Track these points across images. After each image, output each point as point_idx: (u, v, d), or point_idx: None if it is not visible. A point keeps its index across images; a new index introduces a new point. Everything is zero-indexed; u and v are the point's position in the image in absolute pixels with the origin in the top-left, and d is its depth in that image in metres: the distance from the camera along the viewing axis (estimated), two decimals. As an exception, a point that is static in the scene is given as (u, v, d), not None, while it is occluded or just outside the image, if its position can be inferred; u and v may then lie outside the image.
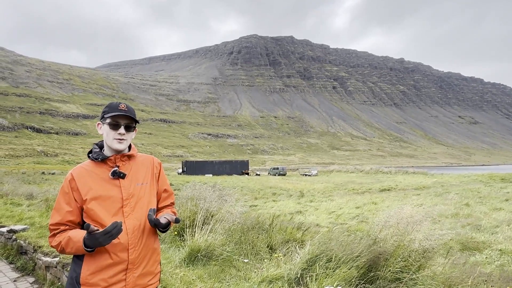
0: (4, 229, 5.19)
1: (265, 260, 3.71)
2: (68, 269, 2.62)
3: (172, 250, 4.14)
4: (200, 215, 4.41)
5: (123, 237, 1.66)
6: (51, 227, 1.68)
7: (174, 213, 1.95)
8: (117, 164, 1.76)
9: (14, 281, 4.06)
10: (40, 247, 4.33)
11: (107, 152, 1.79)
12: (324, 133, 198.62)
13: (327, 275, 2.92)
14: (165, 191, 1.95)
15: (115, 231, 1.51)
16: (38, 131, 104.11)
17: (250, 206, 14.07)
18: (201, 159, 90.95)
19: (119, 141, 1.75)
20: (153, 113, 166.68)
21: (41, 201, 8.26)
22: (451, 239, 6.41)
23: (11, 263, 4.65)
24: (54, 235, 1.67)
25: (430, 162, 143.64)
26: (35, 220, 5.85)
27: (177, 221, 1.71)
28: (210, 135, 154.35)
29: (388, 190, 25.87)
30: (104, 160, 1.75)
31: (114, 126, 1.75)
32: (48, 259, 3.93)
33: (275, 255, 3.75)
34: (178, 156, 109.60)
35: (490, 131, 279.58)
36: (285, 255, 3.79)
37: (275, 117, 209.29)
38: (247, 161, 64.90)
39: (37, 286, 3.95)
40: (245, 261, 3.72)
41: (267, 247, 4.23)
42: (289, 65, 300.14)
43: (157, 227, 1.70)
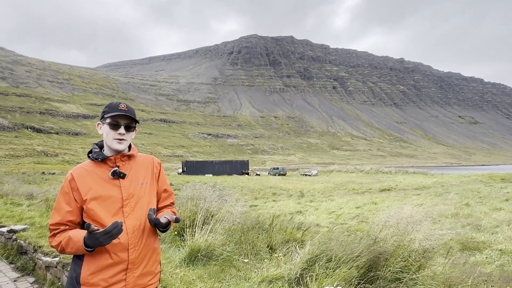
0: (4, 229, 5.19)
1: (265, 260, 3.71)
2: (68, 269, 2.62)
3: (172, 250, 4.14)
4: (200, 215, 4.41)
5: (123, 237, 1.66)
6: (51, 227, 1.68)
7: (174, 213, 1.95)
8: (117, 164, 1.76)
9: (14, 281, 4.06)
10: (40, 247, 4.33)
11: (107, 152, 1.79)
12: (324, 133, 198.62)
13: (327, 275, 2.92)
14: (165, 191, 1.95)
15: (115, 231, 1.51)
16: (38, 131, 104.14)
17: (250, 206, 14.07)
18: (201, 159, 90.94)
19: (119, 141, 1.75)
20: (153, 113, 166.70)
21: (41, 201, 8.26)
22: (451, 239, 6.42)
23: (11, 263, 4.65)
24: (54, 235, 1.67)
25: (430, 162, 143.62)
26: (35, 220, 5.85)
27: (177, 220, 1.71)
28: (210, 135, 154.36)
29: (388, 190, 25.86)
30: (104, 160, 1.75)
31: (114, 126, 1.75)
32: (48, 259, 3.93)
33: (275, 255, 3.75)
34: (178, 156, 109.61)
35: (490, 131, 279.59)
36: (285, 255, 3.79)
37: (275, 117, 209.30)
38: (247, 161, 64.92)
39: (37, 286, 3.95)
40: (245, 261, 3.72)
41: (267, 247, 4.23)
42: (289, 65, 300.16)
43: (157, 226, 1.70)
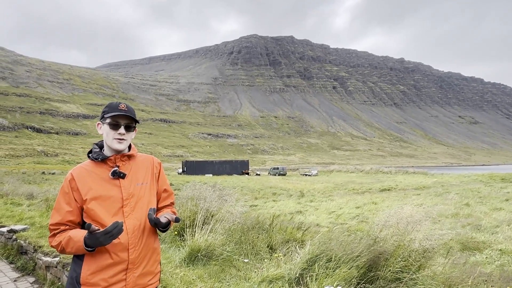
0: (5, 229, 5.19)
1: (265, 260, 3.70)
2: (68, 269, 2.62)
3: (172, 250, 4.14)
4: (200, 215, 4.41)
5: (123, 237, 1.66)
6: (51, 227, 1.68)
7: (174, 212, 1.95)
8: (117, 164, 1.76)
9: (15, 281, 4.06)
10: (40, 247, 4.33)
11: (107, 152, 1.79)
12: (324, 133, 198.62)
13: (327, 275, 2.92)
14: (165, 191, 1.95)
15: (115, 231, 1.51)
16: (38, 131, 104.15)
17: (250, 206, 14.05)
18: (201, 159, 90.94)
19: (119, 141, 1.75)
20: (153, 113, 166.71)
21: (41, 201, 8.26)
22: (451, 239, 6.42)
23: (11, 263, 4.65)
24: (54, 235, 1.67)
25: (430, 162, 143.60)
26: (35, 220, 5.85)
27: (177, 220, 1.71)
28: (210, 135, 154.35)
29: (388, 190, 25.86)
30: (104, 160, 1.75)
31: (114, 126, 1.75)
32: (48, 259, 3.93)
33: (275, 255, 3.75)
34: (178, 156, 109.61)
35: (490, 131, 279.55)
36: (285, 255, 3.79)
37: (275, 117, 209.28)
38: (247, 161, 64.94)
39: (37, 286, 3.95)
40: (245, 261, 3.72)
41: (267, 247, 4.23)
42: (289, 65, 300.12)
43: (157, 226, 1.70)
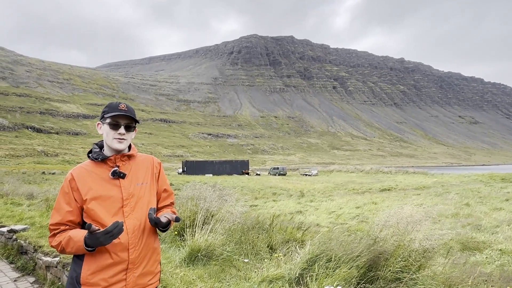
0: (5, 229, 5.19)
1: (265, 260, 3.70)
2: (68, 268, 2.62)
3: (173, 250, 4.14)
4: (200, 215, 4.41)
5: (123, 237, 1.66)
6: (51, 227, 1.68)
7: (174, 212, 1.95)
8: (117, 164, 1.76)
9: (15, 280, 4.06)
10: (40, 247, 4.33)
11: (107, 152, 1.79)
12: (324, 133, 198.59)
13: (327, 275, 2.92)
14: (165, 191, 1.95)
15: (116, 230, 1.51)
16: (39, 131, 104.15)
17: (250, 206, 14.05)
18: (201, 159, 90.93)
19: (119, 141, 1.75)
20: (153, 113, 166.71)
21: (41, 201, 8.26)
22: (451, 239, 6.41)
23: (11, 263, 4.65)
24: (54, 235, 1.67)
25: (430, 162, 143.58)
26: (36, 220, 5.85)
27: (177, 219, 1.71)
28: (210, 135, 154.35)
29: (388, 190, 25.86)
30: (104, 160, 1.75)
31: (114, 126, 1.75)
32: (48, 259, 3.93)
33: (275, 255, 3.75)
34: (178, 156, 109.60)
35: (490, 131, 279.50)
36: (285, 255, 3.78)
37: (275, 117, 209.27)
38: (247, 161, 64.93)
39: (37, 286, 3.95)
40: (245, 261, 3.72)
41: (267, 247, 4.23)
42: (289, 65, 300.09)
43: (158, 226, 1.70)
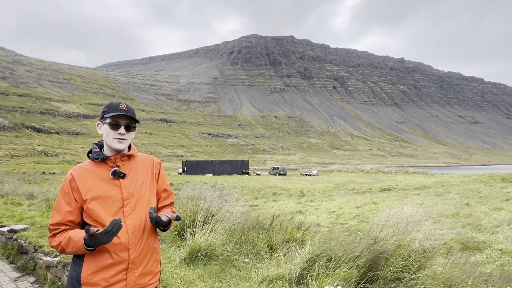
0: (5, 229, 5.20)
1: (265, 260, 3.70)
2: (69, 268, 2.62)
3: (173, 249, 4.14)
4: (201, 214, 4.41)
5: (123, 236, 1.66)
6: (51, 227, 1.68)
7: (174, 212, 1.95)
8: (117, 164, 1.76)
9: (15, 280, 4.06)
10: (40, 246, 4.33)
11: (107, 152, 1.79)
12: (324, 133, 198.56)
13: (327, 274, 2.92)
14: (165, 190, 1.95)
15: (115, 229, 1.51)
16: (39, 131, 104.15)
17: (251, 206, 14.05)
18: (201, 159, 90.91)
19: (119, 141, 1.75)
20: (153, 113, 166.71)
21: (41, 201, 8.26)
22: (451, 239, 6.41)
23: (11, 262, 4.66)
24: (54, 235, 1.67)
25: (430, 162, 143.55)
26: (36, 219, 5.85)
27: (177, 218, 1.71)
28: (210, 134, 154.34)
29: (389, 190, 25.86)
30: (104, 160, 1.75)
31: (114, 126, 1.75)
32: (48, 258, 3.93)
33: (276, 254, 3.74)
34: (179, 156, 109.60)
35: (490, 131, 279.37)
36: (285, 254, 3.78)
37: (276, 116, 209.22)
38: (248, 160, 64.92)
39: (37, 285, 3.95)
40: (246, 260, 3.72)
41: (268, 246, 4.23)
42: (290, 65, 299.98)
43: (158, 225, 1.70)
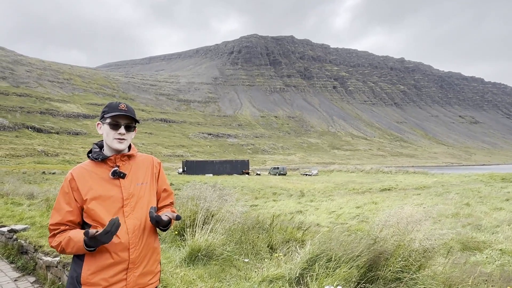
0: (5, 229, 5.20)
1: (265, 260, 3.70)
2: (69, 268, 2.62)
3: (173, 249, 4.14)
4: (201, 214, 4.41)
5: (124, 236, 1.66)
6: (51, 227, 1.68)
7: (174, 212, 1.95)
8: (117, 164, 1.76)
9: (15, 280, 4.06)
10: (40, 246, 4.33)
11: (107, 152, 1.79)
12: (324, 133, 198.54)
13: (328, 274, 2.92)
14: (165, 190, 1.95)
15: (114, 228, 1.51)
16: (39, 130, 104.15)
17: (251, 206, 14.05)
18: (201, 159, 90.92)
19: (119, 141, 1.75)
20: (153, 112, 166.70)
21: (41, 200, 8.25)
22: (451, 238, 6.41)
23: (11, 262, 4.66)
24: (54, 235, 1.67)
25: (430, 162, 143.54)
26: (36, 219, 5.85)
27: (178, 218, 1.71)
28: (210, 134, 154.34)
29: (389, 189, 25.86)
30: (104, 160, 1.75)
31: (114, 126, 1.75)
32: (48, 258, 3.93)
33: (276, 254, 3.74)
34: (179, 156, 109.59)
35: (490, 131, 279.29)
36: (285, 254, 3.78)
37: (276, 116, 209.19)
38: (248, 160, 64.92)
39: (37, 285, 3.95)
40: (246, 260, 3.72)
41: (268, 246, 4.23)
42: (290, 65, 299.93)
43: (159, 224, 1.70)
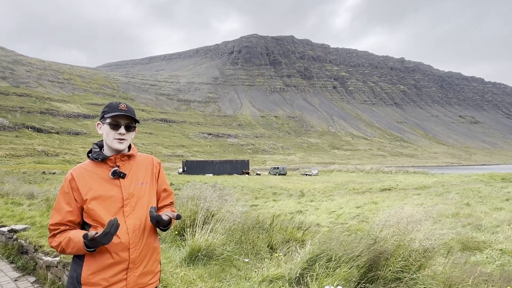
0: (5, 229, 5.20)
1: (265, 260, 3.70)
2: (69, 268, 2.62)
3: (173, 249, 4.14)
4: (201, 214, 4.41)
5: (124, 236, 1.66)
6: (51, 227, 1.68)
7: (174, 211, 1.95)
8: (117, 164, 1.76)
9: (15, 280, 4.06)
10: (41, 246, 4.33)
11: (107, 152, 1.79)
12: (324, 133, 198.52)
13: (328, 274, 2.92)
14: (165, 190, 1.95)
15: (113, 229, 1.51)
16: (39, 130, 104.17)
17: (251, 206, 14.04)
18: (201, 159, 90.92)
19: (119, 141, 1.75)
20: (153, 112, 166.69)
21: (41, 200, 8.25)
22: (451, 238, 6.41)
23: (12, 262, 4.66)
24: (54, 235, 1.67)
25: (430, 162, 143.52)
26: (36, 219, 5.85)
27: (178, 217, 1.71)
28: (210, 134, 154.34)
29: (389, 189, 25.85)
30: (104, 160, 1.75)
31: (114, 126, 1.75)
32: (48, 258, 3.93)
33: (276, 254, 3.74)
34: (179, 156, 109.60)
35: (490, 131, 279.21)
36: (285, 254, 3.78)
37: (276, 116, 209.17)
38: (248, 160, 64.90)
39: (37, 285, 3.95)
40: (246, 260, 3.72)
41: (268, 246, 4.23)
42: (290, 65, 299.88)
43: (159, 224, 1.70)
